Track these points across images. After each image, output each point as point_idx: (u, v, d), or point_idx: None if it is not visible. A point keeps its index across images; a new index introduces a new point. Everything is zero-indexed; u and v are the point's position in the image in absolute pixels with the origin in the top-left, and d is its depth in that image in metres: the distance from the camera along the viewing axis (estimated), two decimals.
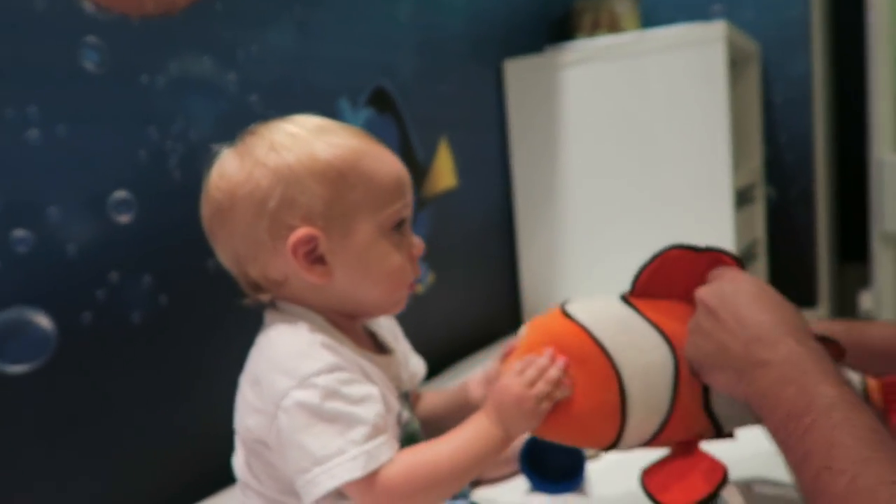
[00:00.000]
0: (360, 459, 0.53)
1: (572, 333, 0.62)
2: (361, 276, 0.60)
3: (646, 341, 0.62)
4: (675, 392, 0.61)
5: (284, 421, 0.54)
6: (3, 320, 0.73)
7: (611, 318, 0.63)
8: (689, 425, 0.63)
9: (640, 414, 0.61)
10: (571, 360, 0.61)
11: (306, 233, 0.57)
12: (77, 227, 0.80)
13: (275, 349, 0.58)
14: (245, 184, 0.58)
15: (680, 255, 0.64)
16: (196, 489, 0.90)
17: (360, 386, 0.56)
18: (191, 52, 0.93)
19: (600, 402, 0.61)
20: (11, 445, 0.74)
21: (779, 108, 1.84)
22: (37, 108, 0.76)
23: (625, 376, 0.60)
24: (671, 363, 0.61)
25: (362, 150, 0.60)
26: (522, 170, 1.67)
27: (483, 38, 1.60)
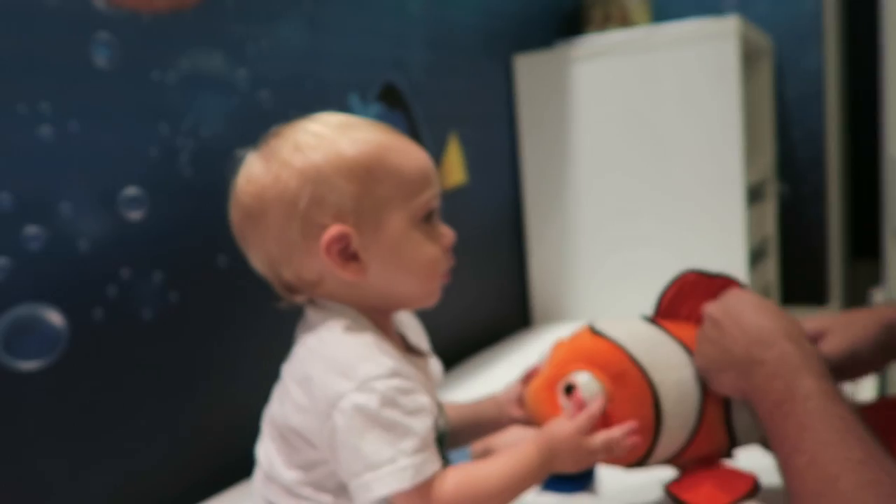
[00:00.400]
0: (408, 471, 0.54)
1: (607, 350, 0.64)
2: (395, 268, 0.60)
3: (676, 358, 0.65)
4: (702, 407, 0.64)
5: (340, 422, 0.54)
6: (15, 317, 0.73)
7: (642, 336, 0.66)
8: (711, 440, 0.65)
9: (672, 429, 0.63)
10: (607, 377, 0.63)
11: (338, 231, 0.57)
12: (88, 223, 0.80)
13: (330, 349, 0.58)
14: (273, 186, 0.58)
15: (696, 280, 0.68)
16: (207, 484, 0.90)
17: (415, 396, 0.57)
18: (201, 48, 0.93)
19: (636, 418, 0.62)
20: (24, 441, 0.75)
21: (791, 103, 1.82)
22: (48, 104, 0.76)
23: (660, 392, 0.63)
24: (697, 379, 0.64)
25: (387, 143, 0.60)
26: (532, 166, 1.67)
27: (493, 33, 1.59)
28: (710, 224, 1.47)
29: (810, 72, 1.80)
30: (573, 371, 0.64)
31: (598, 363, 0.64)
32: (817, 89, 1.80)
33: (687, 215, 1.50)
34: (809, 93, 1.80)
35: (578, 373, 0.63)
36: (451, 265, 0.64)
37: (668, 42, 1.47)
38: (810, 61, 1.79)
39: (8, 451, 0.73)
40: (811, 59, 1.79)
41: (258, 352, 0.68)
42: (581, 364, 0.64)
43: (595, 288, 1.63)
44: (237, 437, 0.64)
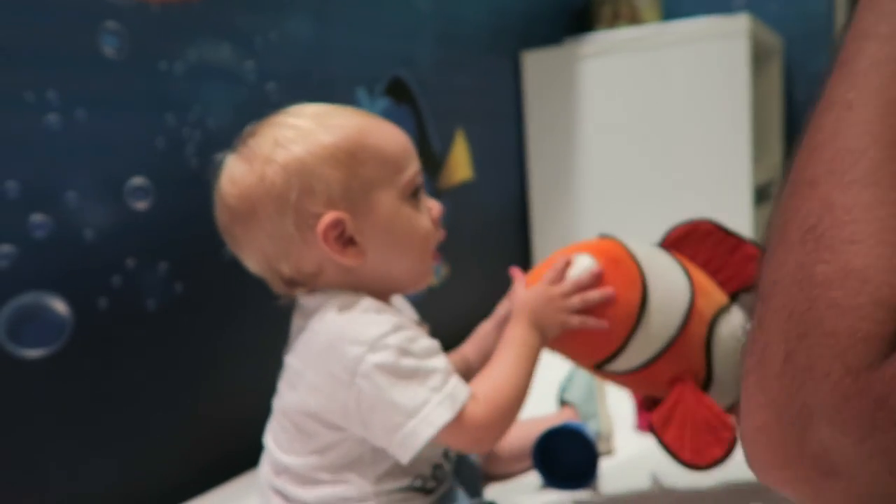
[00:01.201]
0: (445, 403, 0.56)
1: (609, 243, 0.67)
2: (391, 246, 0.61)
3: (671, 271, 0.66)
4: (685, 320, 0.64)
5: (366, 387, 0.55)
6: (20, 305, 0.74)
7: (645, 246, 0.68)
8: (685, 358, 0.65)
9: (651, 326, 0.63)
10: (604, 259, 0.64)
11: (333, 217, 0.58)
12: (94, 212, 0.80)
13: (334, 323, 0.58)
14: (259, 185, 0.58)
15: (710, 230, 0.69)
16: (210, 475, 0.90)
17: (423, 340, 0.59)
18: (210, 40, 0.93)
19: (623, 297, 0.63)
20: (27, 429, 0.75)
21: (800, 104, 1.81)
22: (56, 92, 0.76)
23: (649, 284, 0.63)
24: (688, 294, 0.65)
25: (364, 126, 0.61)
26: (539, 163, 1.66)
27: (502, 30, 1.58)
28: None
29: (820, 72, 1.78)
30: (574, 253, 0.66)
31: (597, 249, 0.66)
32: None
33: (694, 214, 1.49)
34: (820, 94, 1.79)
35: (578, 253, 0.66)
36: (441, 237, 0.66)
37: (677, 40, 1.46)
38: (820, 61, 1.78)
39: (12, 438, 0.73)
40: (821, 60, 1.78)
41: (262, 343, 0.68)
42: (581, 250, 0.66)
43: None
44: (241, 428, 0.64)
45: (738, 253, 0.68)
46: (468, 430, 0.57)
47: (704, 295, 0.66)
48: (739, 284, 0.69)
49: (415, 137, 1.31)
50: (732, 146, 1.43)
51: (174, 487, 0.88)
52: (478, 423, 0.58)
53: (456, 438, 0.58)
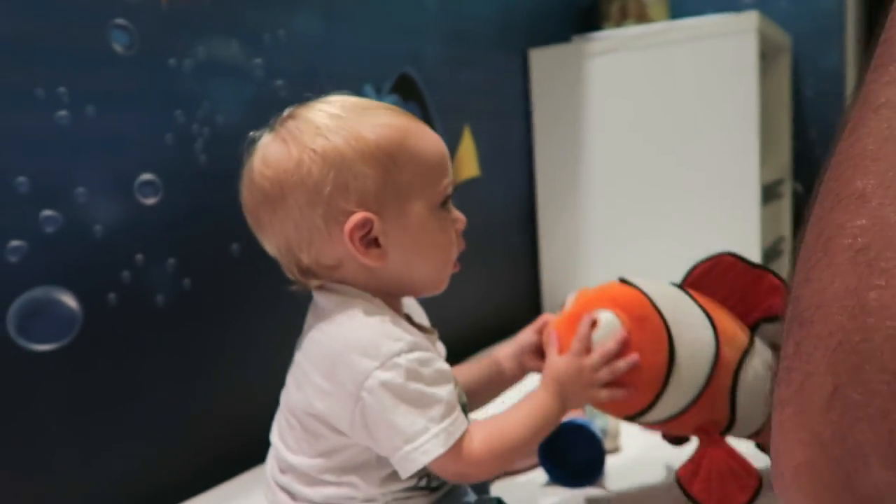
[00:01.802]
0: (441, 436, 0.56)
1: (632, 295, 0.66)
2: (414, 254, 0.61)
3: (695, 319, 0.66)
4: (712, 371, 0.64)
5: (370, 403, 0.55)
6: (30, 299, 0.74)
7: (667, 293, 0.67)
8: (712, 408, 0.65)
9: (680, 383, 0.63)
10: (629, 317, 0.64)
11: (362, 217, 0.57)
12: (104, 208, 0.81)
13: (348, 331, 0.58)
14: (295, 171, 0.57)
15: (731, 264, 0.68)
16: (218, 469, 0.91)
17: (436, 364, 0.58)
18: (218, 37, 0.93)
19: (651, 361, 0.63)
20: (37, 422, 0.76)
21: (809, 101, 1.80)
22: (66, 89, 0.77)
23: (676, 344, 0.63)
24: (714, 344, 0.65)
25: (407, 128, 0.60)
26: (546, 160, 1.66)
27: (509, 27, 1.58)
28: (723, 222, 1.46)
29: (829, 70, 1.78)
30: (597, 308, 0.65)
31: (622, 305, 0.65)
32: (836, 88, 1.77)
33: (701, 213, 1.49)
34: (828, 92, 1.78)
35: (602, 310, 0.65)
36: (462, 249, 0.65)
37: (685, 38, 1.46)
38: (829, 59, 1.77)
39: (23, 430, 0.74)
40: (830, 58, 1.77)
41: (270, 338, 0.69)
42: (605, 304, 0.65)
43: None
44: (249, 423, 0.64)
45: (760, 284, 0.68)
46: (456, 464, 0.57)
47: (729, 342, 0.66)
48: (761, 315, 0.69)
49: None
50: (740, 144, 1.42)
51: (183, 481, 0.88)
52: (467, 461, 0.58)
53: (442, 468, 0.58)
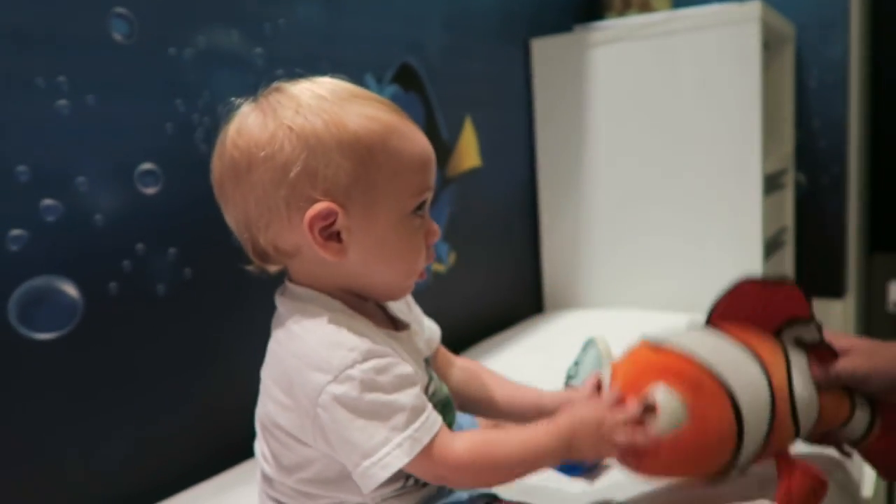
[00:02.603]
0: (405, 445, 0.53)
1: (679, 362, 0.62)
2: (376, 257, 0.58)
3: (740, 359, 0.64)
4: (772, 404, 0.63)
5: (325, 418, 0.53)
6: (31, 288, 0.75)
7: (705, 342, 0.65)
8: (783, 436, 0.65)
9: (751, 431, 0.62)
10: (685, 389, 0.61)
11: (325, 207, 0.54)
12: (104, 197, 0.81)
13: (301, 343, 0.55)
14: (267, 145, 0.54)
15: (751, 287, 0.68)
16: (219, 459, 0.91)
17: (395, 370, 0.54)
18: (219, 25, 0.93)
19: (720, 426, 0.61)
20: (37, 410, 0.76)
21: (812, 92, 1.79)
22: (66, 78, 0.76)
23: (737, 395, 0.61)
24: (764, 377, 0.63)
25: (393, 125, 0.57)
26: (547, 150, 1.66)
27: (511, 17, 1.58)
28: (726, 213, 1.46)
29: (833, 60, 1.77)
30: (649, 386, 0.61)
31: (671, 376, 0.61)
32: (840, 78, 1.76)
33: (703, 203, 1.48)
34: (831, 81, 1.77)
35: (655, 388, 0.61)
36: (430, 262, 0.62)
37: (688, 28, 1.45)
38: (833, 49, 1.76)
39: (26, 418, 0.75)
40: (834, 47, 1.76)
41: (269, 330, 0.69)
42: (653, 377, 0.61)
43: (608, 275, 1.63)
44: (249, 413, 0.64)
45: (778, 294, 0.68)
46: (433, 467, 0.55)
47: (773, 367, 0.65)
48: (782, 320, 0.69)
49: (423, 125, 1.31)
50: (743, 134, 1.42)
51: (182, 470, 0.89)
52: (445, 463, 0.55)
53: (419, 471, 0.55)
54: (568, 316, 1.58)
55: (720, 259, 1.47)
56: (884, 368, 0.68)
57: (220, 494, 0.84)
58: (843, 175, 1.80)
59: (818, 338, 0.69)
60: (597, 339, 0.94)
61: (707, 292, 1.51)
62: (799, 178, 1.84)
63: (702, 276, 1.50)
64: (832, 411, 0.69)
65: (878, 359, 0.69)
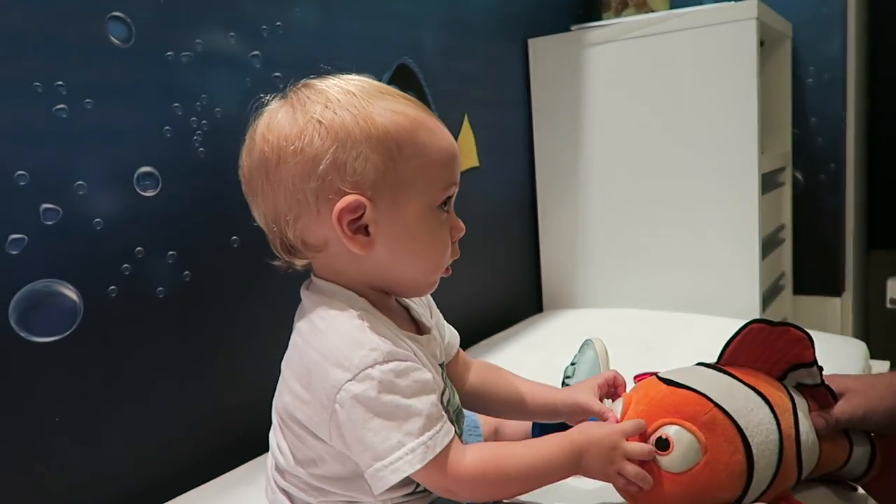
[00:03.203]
0: (418, 452, 0.53)
1: (694, 400, 0.63)
2: (403, 251, 0.58)
3: (751, 401, 0.65)
4: (780, 446, 0.64)
5: (342, 416, 0.53)
6: (32, 292, 0.75)
7: (718, 383, 0.66)
8: (787, 478, 0.66)
9: (761, 470, 0.63)
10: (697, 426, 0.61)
11: (355, 200, 0.55)
12: (104, 201, 0.81)
13: (324, 338, 0.56)
14: (297, 139, 0.55)
15: (760, 329, 0.69)
16: (220, 458, 0.91)
17: (415, 374, 0.55)
18: (216, 29, 0.93)
19: (731, 463, 0.62)
20: (39, 414, 0.76)
21: (809, 89, 1.80)
22: (64, 82, 0.77)
23: (748, 433, 0.62)
24: (774, 421, 0.64)
25: (420, 120, 0.58)
26: (545, 150, 1.66)
27: (509, 16, 1.58)
28: (723, 211, 1.46)
29: (830, 57, 1.77)
30: (661, 425, 0.62)
31: (685, 413, 0.62)
32: (837, 75, 1.77)
33: (700, 202, 1.49)
34: (828, 79, 1.78)
35: (668, 426, 0.62)
36: (455, 257, 0.62)
37: (685, 27, 1.45)
38: (830, 47, 1.76)
39: (28, 420, 0.75)
40: (832, 45, 1.76)
41: (270, 328, 0.69)
42: (667, 415, 0.62)
43: (606, 274, 1.63)
44: (250, 413, 0.65)
45: (784, 339, 0.69)
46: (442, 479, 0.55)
47: (781, 411, 0.66)
48: (787, 364, 0.70)
49: None
50: (740, 133, 1.42)
51: (184, 471, 0.89)
52: (454, 476, 0.55)
53: (427, 481, 0.56)
54: (567, 315, 1.58)
55: (718, 258, 1.48)
56: (881, 405, 0.70)
57: (222, 495, 0.84)
58: (841, 172, 1.80)
59: (819, 381, 0.70)
60: (593, 339, 0.94)
61: (704, 291, 1.53)
62: (797, 176, 1.84)
63: (700, 274, 1.50)
64: (831, 456, 0.70)
65: (874, 396, 0.70)
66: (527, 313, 1.65)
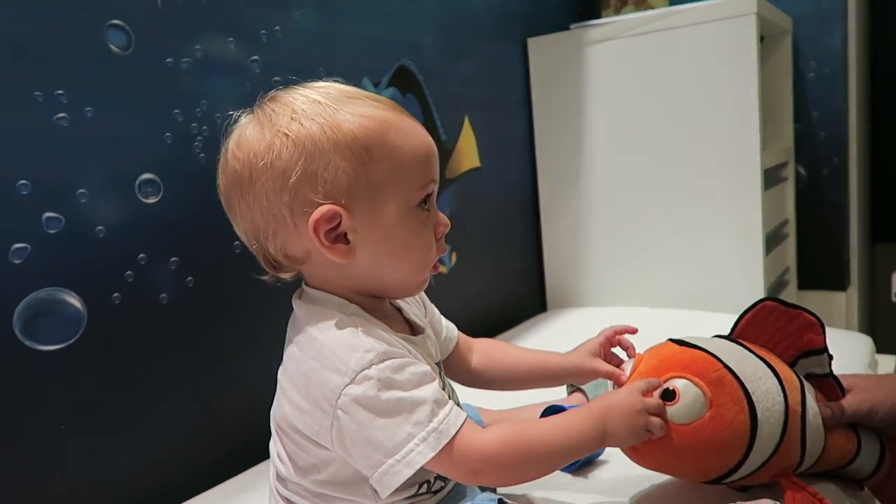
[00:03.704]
0: (430, 440, 0.53)
1: (701, 357, 0.65)
2: (386, 255, 0.58)
3: (760, 372, 0.66)
4: (786, 418, 0.64)
5: (346, 421, 0.53)
6: (36, 300, 0.75)
7: (730, 349, 0.67)
8: (788, 455, 0.66)
9: (764, 436, 0.63)
10: (705, 382, 0.63)
11: (329, 209, 0.55)
12: (106, 208, 0.81)
13: (319, 346, 0.56)
14: (265, 154, 0.55)
15: (773, 307, 0.70)
16: (223, 465, 0.92)
17: (411, 368, 0.55)
18: (215, 34, 0.93)
19: (735, 423, 0.62)
20: (45, 422, 0.76)
21: (811, 83, 1.79)
22: (65, 91, 0.77)
23: (754, 398, 0.63)
24: (781, 393, 0.65)
25: (390, 121, 0.57)
26: (546, 149, 1.66)
27: (507, 16, 1.58)
28: (726, 208, 1.46)
29: (831, 50, 1.76)
30: (670, 378, 0.63)
31: (694, 370, 0.63)
32: (838, 68, 1.76)
33: (703, 199, 1.48)
34: (830, 72, 1.77)
35: (676, 379, 0.63)
36: (443, 254, 0.62)
37: (684, 23, 1.45)
38: (831, 40, 1.76)
39: (33, 426, 0.75)
40: (832, 38, 1.76)
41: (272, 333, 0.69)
42: (676, 370, 0.64)
43: (610, 272, 1.63)
44: (254, 419, 0.65)
45: (796, 322, 0.69)
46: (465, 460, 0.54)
47: (790, 387, 0.67)
48: (797, 351, 0.70)
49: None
50: (741, 128, 1.42)
51: (189, 477, 0.89)
52: (481, 453, 0.54)
53: (447, 468, 0.54)
54: (571, 314, 1.58)
55: (721, 254, 1.47)
56: (887, 402, 0.70)
57: (226, 501, 0.85)
58: (844, 166, 1.80)
59: (828, 370, 0.70)
60: None
61: (708, 288, 1.52)
62: (799, 171, 1.84)
63: (703, 272, 1.50)
64: (838, 449, 0.70)
65: (881, 392, 0.70)
66: (531, 313, 1.65)
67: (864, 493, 0.74)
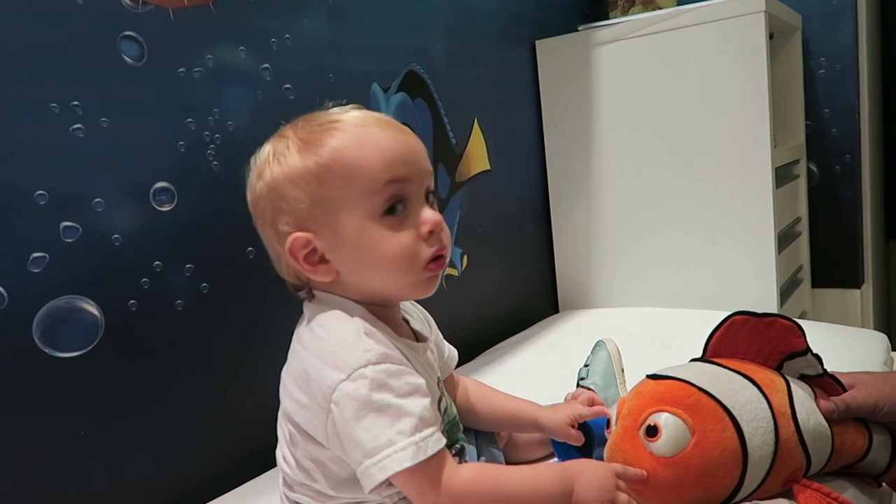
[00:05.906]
0: (409, 450, 0.53)
1: (677, 387, 0.65)
2: (361, 266, 0.60)
3: (736, 384, 0.66)
4: (775, 425, 0.64)
5: (337, 414, 0.55)
6: (55, 308, 0.76)
7: (700, 370, 0.68)
8: (790, 459, 0.65)
9: (756, 447, 0.63)
10: (685, 410, 0.63)
11: (298, 237, 0.59)
12: (121, 217, 0.83)
13: (323, 344, 0.58)
14: (255, 200, 0.63)
15: (743, 320, 0.70)
16: (241, 469, 0.92)
17: (407, 378, 0.56)
18: (226, 43, 0.94)
19: (723, 440, 0.62)
20: (64, 428, 0.78)
21: (821, 80, 1.78)
22: (80, 102, 0.78)
23: (734, 412, 0.63)
24: (763, 398, 0.65)
25: (346, 144, 0.59)
26: (556, 151, 1.66)
27: (515, 18, 1.58)
28: (738, 207, 1.45)
29: (842, 47, 1.75)
30: (649, 414, 0.64)
31: (670, 400, 0.64)
32: (849, 65, 1.75)
33: (714, 198, 1.48)
34: (841, 69, 1.76)
35: (655, 413, 0.64)
36: (437, 253, 0.61)
37: (693, 22, 1.45)
38: (842, 36, 1.75)
39: (53, 433, 0.76)
40: (843, 34, 1.75)
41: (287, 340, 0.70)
42: (654, 405, 0.65)
43: (622, 274, 1.63)
44: (268, 424, 0.65)
45: (773, 329, 0.69)
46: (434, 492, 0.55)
47: (771, 390, 0.67)
48: (781, 355, 0.70)
49: (431, 131, 1.32)
50: (751, 127, 1.41)
51: (205, 482, 0.90)
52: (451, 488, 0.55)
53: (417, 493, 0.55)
54: (583, 316, 1.58)
55: (733, 253, 1.47)
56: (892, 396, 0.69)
57: None
58: (856, 163, 1.79)
59: (821, 371, 0.70)
60: (605, 340, 0.95)
61: (721, 288, 1.52)
62: (811, 168, 1.83)
63: (715, 271, 1.49)
64: (848, 441, 0.69)
65: (886, 387, 0.70)
66: (543, 314, 1.65)
67: (881, 490, 0.73)
